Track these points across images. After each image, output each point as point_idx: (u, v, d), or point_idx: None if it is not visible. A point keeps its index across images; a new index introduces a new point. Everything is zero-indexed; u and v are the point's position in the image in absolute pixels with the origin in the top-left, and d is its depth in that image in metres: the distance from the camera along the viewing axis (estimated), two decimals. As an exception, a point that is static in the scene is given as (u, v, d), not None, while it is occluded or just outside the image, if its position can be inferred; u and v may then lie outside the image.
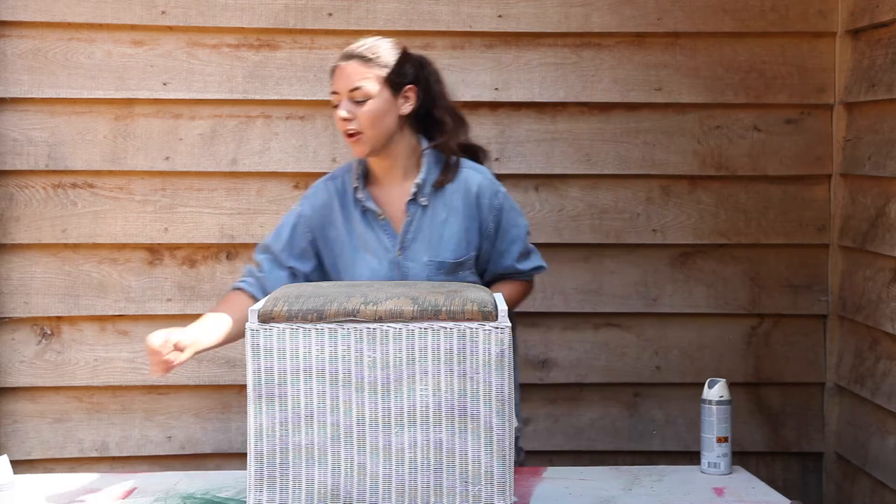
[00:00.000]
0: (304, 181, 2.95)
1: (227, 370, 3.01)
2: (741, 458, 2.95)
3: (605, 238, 3.06)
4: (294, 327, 1.91)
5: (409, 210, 2.40)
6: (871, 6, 2.83)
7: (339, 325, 1.91)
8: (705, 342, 3.09)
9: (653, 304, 3.07)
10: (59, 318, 3.00)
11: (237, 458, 3.01)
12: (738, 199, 3.06)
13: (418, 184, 2.39)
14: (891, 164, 2.71)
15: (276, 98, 2.99)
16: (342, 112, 2.35)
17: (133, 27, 2.96)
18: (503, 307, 1.93)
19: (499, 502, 1.91)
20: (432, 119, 2.45)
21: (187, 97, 2.98)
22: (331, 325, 1.91)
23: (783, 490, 2.97)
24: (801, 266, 3.08)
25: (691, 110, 3.05)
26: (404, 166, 2.42)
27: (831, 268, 3.07)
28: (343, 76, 2.36)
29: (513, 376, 1.94)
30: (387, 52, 2.39)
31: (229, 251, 3.01)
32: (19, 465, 2.97)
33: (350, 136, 2.36)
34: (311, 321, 1.92)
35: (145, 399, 3.02)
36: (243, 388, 2.83)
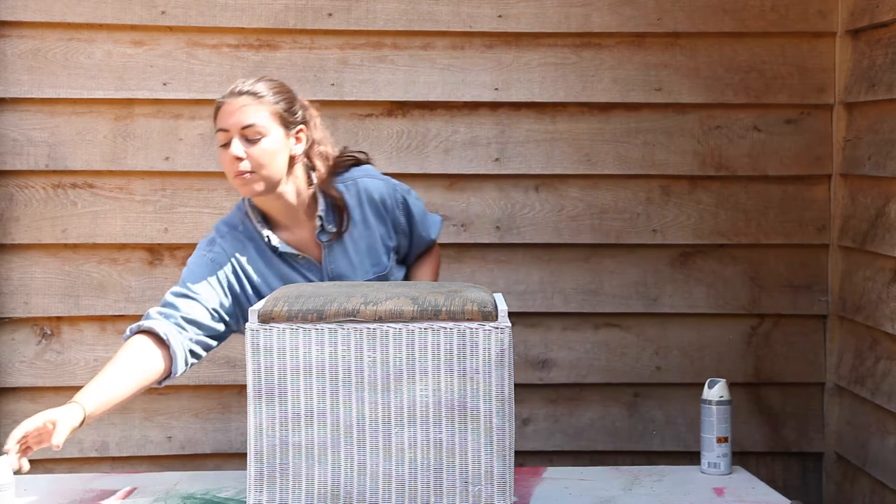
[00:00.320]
0: (304, 181, 2.95)
1: (227, 370, 3.01)
2: (741, 458, 2.95)
3: (605, 238, 3.06)
4: (294, 327, 1.91)
5: (321, 241, 2.34)
6: (871, 6, 2.83)
7: (339, 325, 1.91)
8: (705, 342, 3.09)
9: (653, 304, 3.07)
10: (59, 318, 3.00)
11: (237, 458, 3.01)
12: (738, 199, 3.06)
13: (320, 216, 2.33)
14: (891, 164, 2.71)
15: (276, 98, 2.99)
16: (235, 151, 2.21)
17: (133, 27, 2.96)
18: (503, 307, 1.93)
19: (499, 502, 1.91)
20: (309, 161, 2.37)
21: (187, 97, 2.98)
22: (331, 325, 1.91)
23: (783, 490, 2.97)
24: (801, 266, 3.08)
25: (691, 110, 3.05)
26: (301, 202, 2.33)
27: (831, 268, 3.07)
28: (234, 113, 2.23)
29: (512, 376, 1.94)
30: (277, 90, 2.30)
31: (229, 251, 3.01)
32: (19, 466, 2.97)
33: (238, 176, 2.23)
34: (311, 321, 1.91)
35: (145, 399, 3.01)
36: (243, 388, 2.83)
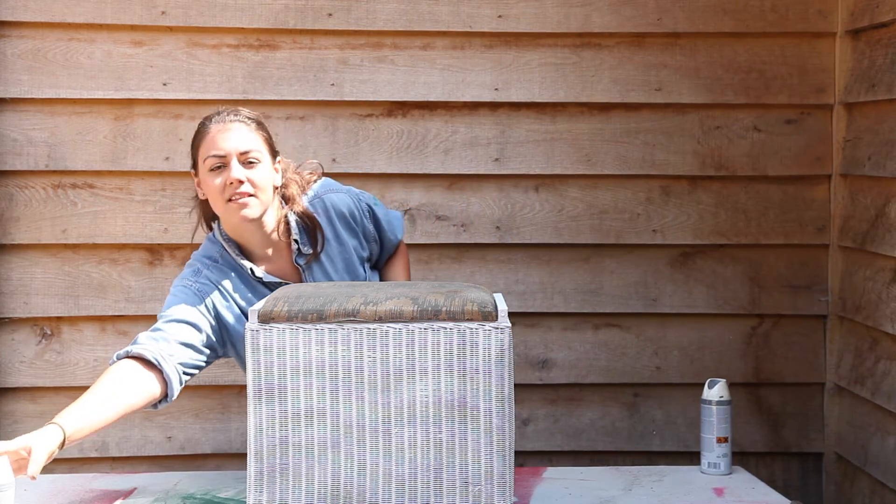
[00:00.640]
0: (304, 181, 2.95)
1: (227, 370, 3.01)
2: (741, 458, 2.95)
3: (605, 238, 3.06)
4: (294, 327, 1.91)
5: (299, 265, 2.34)
6: (871, 6, 2.83)
7: (339, 325, 1.91)
8: (705, 342, 3.09)
9: (653, 305, 3.07)
10: (59, 318, 3.00)
11: (237, 458, 3.01)
12: (737, 199, 3.06)
13: (296, 240, 2.32)
14: (891, 164, 2.71)
15: (275, 98, 2.99)
16: (236, 174, 2.19)
17: (133, 27, 2.96)
18: (503, 307, 1.93)
19: (499, 501, 1.91)
20: (284, 187, 2.37)
21: (187, 97, 2.98)
22: (331, 326, 1.91)
23: (783, 490, 2.97)
24: (801, 266, 3.08)
25: (691, 110, 3.05)
26: (276, 230, 2.32)
27: (831, 268, 3.07)
28: (230, 138, 2.22)
29: (512, 376, 1.94)
30: (261, 120, 2.30)
31: (229, 251, 3.01)
32: (19, 466, 2.97)
33: (237, 199, 2.21)
34: (312, 321, 1.91)
35: (145, 399, 3.02)
36: (243, 388, 2.83)
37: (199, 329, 2.23)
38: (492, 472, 1.91)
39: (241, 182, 2.20)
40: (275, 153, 2.31)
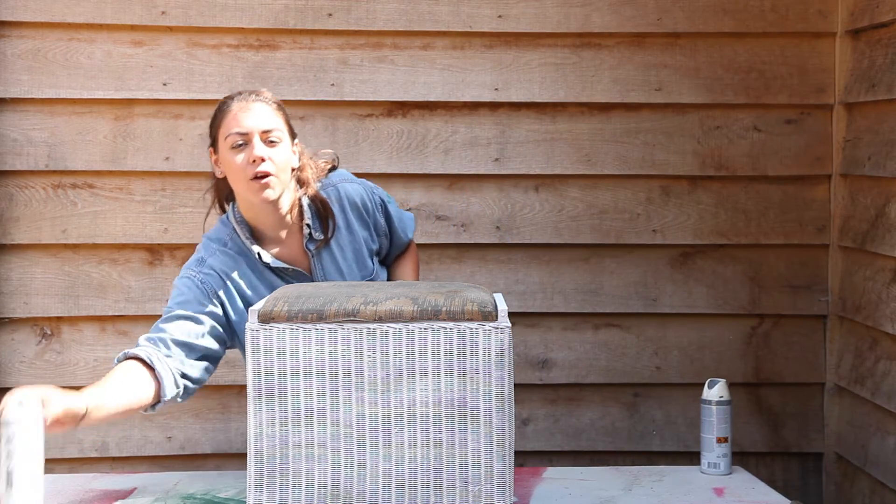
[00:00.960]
0: (304, 181, 2.95)
1: (227, 370, 3.00)
2: (741, 458, 2.95)
3: (605, 238, 3.06)
4: (294, 327, 1.91)
5: (309, 251, 2.35)
6: (871, 6, 2.83)
7: (339, 325, 1.91)
8: (705, 342, 3.09)
9: (653, 305, 3.07)
10: (59, 318, 3.00)
11: (237, 458, 3.01)
12: (737, 199, 3.06)
13: (308, 224, 2.33)
14: (891, 164, 2.71)
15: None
16: (259, 152, 2.22)
17: (133, 27, 2.96)
18: (503, 307, 1.93)
19: (499, 501, 1.91)
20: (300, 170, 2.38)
21: (187, 97, 2.98)
22: (331, 325, 1.91)
23: (783, 490, 2.97)
24: (800, 266, 3.08)
25: (691, 110, 3.05)
26: (290, 213, 2.34)
27: (831, 268, 3.07)
28: (253, 117, 2.25)
29: (512, 376, 1.94)
30: (280, 102, 2.34)
31: (229, 251, 3.01)
32: (19, 466, 2.96)
33: (260, 178, 2.22)
34: (312, 321, 1.91)
35: (145, 399, 3.01)
36: (243, 388, 2.83)
37: (199, 322, 2.24)
38: (492, 472, 1.91)
39: (264, 160, 2.23)
40: (293, 135, 2.34)
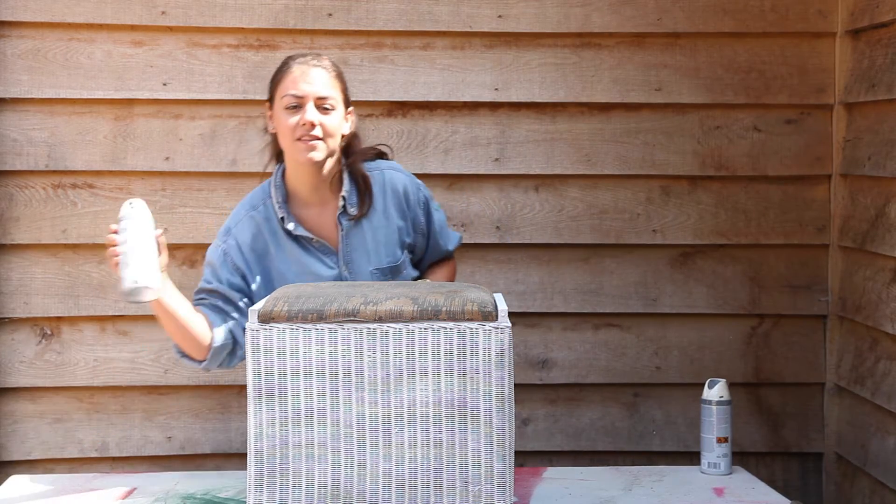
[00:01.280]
0: (304, 181, 2.95)
1: (226, 370, 3.01)
2: (741, 458, 2.95)
3: (605, 238, 3.06)
4: (294, 327, 1.91)
5: (341, 224, 2.37)
6: (871, 6, 2.83)
7: (339, 325, 1.91)
8: (705, 342, 3.09)
9: (653, 305, 3.07)
10: (59, 318, 3.00)
11: (237, 458, 3.01)
12: (737, 199, 3.06)
13: (344, 196, 2.37)
14: (891, 164, 2.71)
15: (276, 98, 2.99)
16: (311, 116, 2.29)
17: (133, 27, 2.96)
18: (503, 307, 1.93)
19: (499, 501, 1.91)
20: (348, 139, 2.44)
21: (187, 97, 2.98)
22: (331, 326, 1.91)
23: (783, 490, 2.97)
24: (800, 266, 3.08)
25: (691, 110, 3.05)
26: (330, 183, 2.39)
27: (831, 268, 3.07)
28: (311, 82, 2.31)
29: (512, 376, 1.94)
30: (340, 70, 2.39)
31: (229, 251, 3.01)
32: (19, 466, 2.97)
33: (308, 140, 2.30)
34: (312, 321, 1.92)
35: (145, 399, 3.01)
36: (243, 388, 2.83)
37: (237, 288, 2.35)
38: (492, 472, 1.91)
39: (314, 125, 2.29)
40: (348, 104, 2.39)
